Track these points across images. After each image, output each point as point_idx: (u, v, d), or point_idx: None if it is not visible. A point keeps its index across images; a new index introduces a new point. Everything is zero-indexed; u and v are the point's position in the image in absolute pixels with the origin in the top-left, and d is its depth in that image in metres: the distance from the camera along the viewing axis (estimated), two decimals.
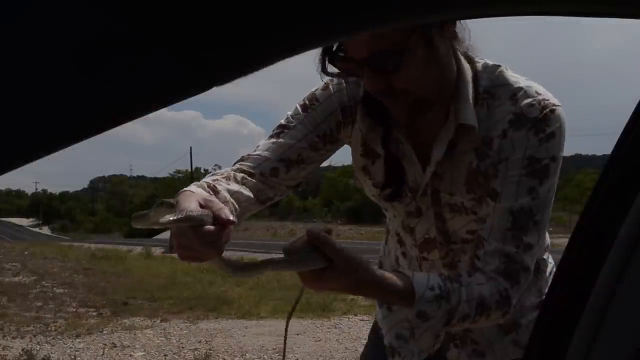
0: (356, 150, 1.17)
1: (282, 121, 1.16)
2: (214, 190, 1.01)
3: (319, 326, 6.01)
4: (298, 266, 0.95)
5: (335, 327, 6.02)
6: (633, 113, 0.77)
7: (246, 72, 0.31)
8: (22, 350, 5.00)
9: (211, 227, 0.85)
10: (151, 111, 0.31)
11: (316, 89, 1.16)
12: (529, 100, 1.03)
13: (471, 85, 1.05)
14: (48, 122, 0.29)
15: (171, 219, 0.84)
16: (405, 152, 1.12)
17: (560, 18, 0.36)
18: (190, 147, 53.17)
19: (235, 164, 1.14)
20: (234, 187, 1.06)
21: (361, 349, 1.49)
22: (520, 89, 1.04)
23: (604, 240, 0.78)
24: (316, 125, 1.14)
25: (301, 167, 1.14)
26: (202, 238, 0.85)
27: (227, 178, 1.08)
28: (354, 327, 6.01)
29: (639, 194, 0.75)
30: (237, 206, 1.04)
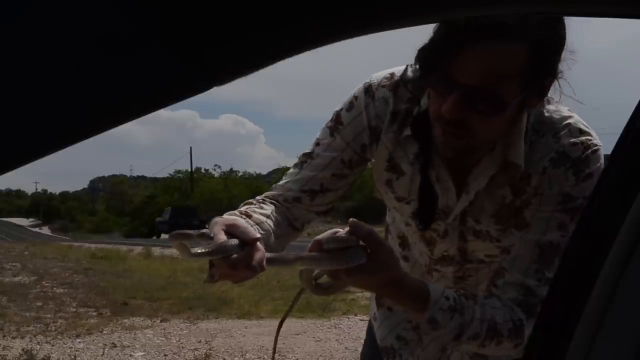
0: (380, 164, 1.14)
1: (309, 148, 1.15)
2: (247, 215, 1.03)
3: (319, 326, 6.01)
4: (341, 262, 0.91)
5: (335, 327, 6.02)
6: (633, 113, 0.77)
7: (246, 72, 0.31)
8: (22, 350, 5.00)
9: (239, 255, 0.90)
10: (151, 111, 0.31)
11: (341, 109, 1.13)
12: (572, 139, 1.02)
13: (524, 124, 1.03)
14: (48, 122, 0.29)
15: (199, 251, 0.89)
16: (440, 176, 1.09)
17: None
18: (190, 147, 53.29)
19: (263, 195, 1.16)
20: (268, 209, 1.08)
21: (361, 349, 1.49)
22: (566, 126, 1.03)
23: (604, 240, 0.78)
24: (342, 150, 1.12)
25: (326, 195, 1.13)
26: (233, 267, 0.90)
27: (261, 203, 1.11)
28: (354, 327, 6.01)
29: (639, 194, 0.75)
30: (273, 227, 1.06)
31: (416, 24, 0.33)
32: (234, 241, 0.90)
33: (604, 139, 1.04)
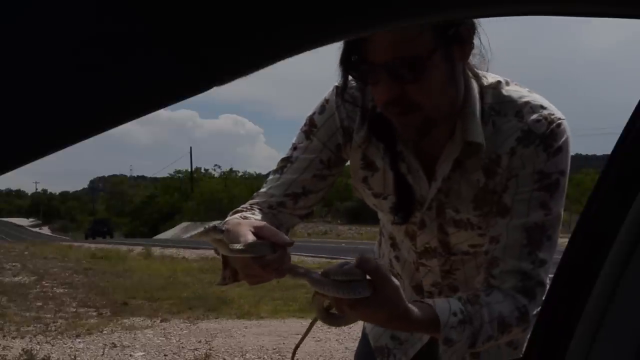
0: (355, 163, 1.17)
1: (287, 153, 1.17)
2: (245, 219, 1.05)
3: (319, 326, 5.99)
4: (345, 292, 0.92)
5: (336, 327, 6.02)
6: (633, 113, 0.77)
7: (246, 72, 0.31)
8: (22, 350, 5.00)
9: (273, 256, 0.93)
10: (151, 111, 0.31)
11: (314, 112, 1.16)
12: (535, 116, 1.03)
13: (478, 102, 1.05)
14: (48, 122, 0.29)
15: (238, 248, 0.91)
16: (410, 166, 1.12)
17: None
18: (191, 147, 53.38)
19: (248, 203, 1.17)
20: (259, 216, 1.10)
21: (356, 349, 1.49)
22: (526, 103, 1.05)
23: (604, 240, 0.78)
24: (319, 151, 1.14)
25: (308, 197, 1.16)
26: (265, 267, 0.94)
27: (250, 210, 1.12)
28: (354, 327, 5.99)
29: (639, 194, 0.75)
30: None
31: (417, 22, 0.33)
32: (267, 242, 0.93)
33: (604, 139, 1.05)
